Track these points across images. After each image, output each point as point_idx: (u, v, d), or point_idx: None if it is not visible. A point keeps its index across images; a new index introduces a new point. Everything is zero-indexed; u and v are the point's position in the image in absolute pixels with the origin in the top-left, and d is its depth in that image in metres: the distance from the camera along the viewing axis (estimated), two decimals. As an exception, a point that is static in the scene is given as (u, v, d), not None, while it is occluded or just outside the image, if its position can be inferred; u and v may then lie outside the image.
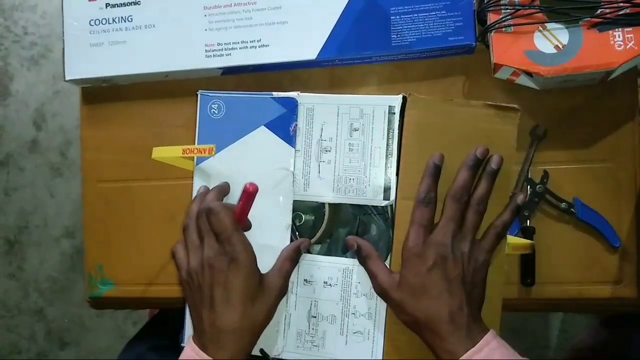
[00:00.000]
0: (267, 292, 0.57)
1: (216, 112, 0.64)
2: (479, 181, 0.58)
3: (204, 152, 0.63)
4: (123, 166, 0.74)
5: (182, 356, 0.56)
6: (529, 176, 0.65)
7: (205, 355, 0.54)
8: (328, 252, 0.64)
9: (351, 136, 0.62)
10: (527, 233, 0.65)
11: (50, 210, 1.51)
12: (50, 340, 1.52)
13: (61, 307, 1.50)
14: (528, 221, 0.65)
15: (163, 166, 0.66)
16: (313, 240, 0.63)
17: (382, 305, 0.60)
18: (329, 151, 0.62)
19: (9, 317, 1.54)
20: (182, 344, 0.63)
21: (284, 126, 0.62)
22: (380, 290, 0.58)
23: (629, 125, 0.64)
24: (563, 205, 0.65)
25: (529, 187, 0.65)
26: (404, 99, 0.60)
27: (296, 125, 0.62)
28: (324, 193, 0.62)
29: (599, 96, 0.64)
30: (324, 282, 0.61)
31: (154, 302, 0.76)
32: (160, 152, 0.64)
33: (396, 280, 0.56)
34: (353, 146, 0.62)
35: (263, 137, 0.62)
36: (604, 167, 0.65)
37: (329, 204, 0.63)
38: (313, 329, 0.61)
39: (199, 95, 0.65)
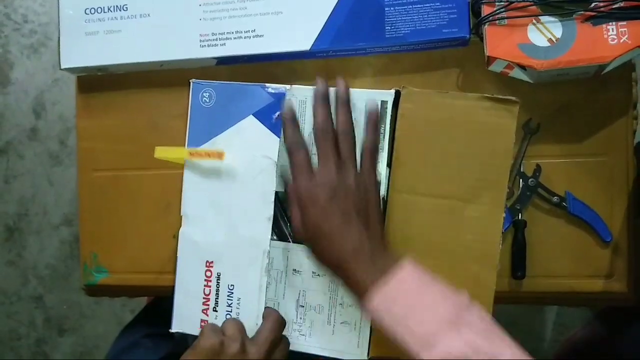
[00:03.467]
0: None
1: (207, 100, 0.64)
2: (337, 112, 0.57)
3: (213, 156, 0.62)
4: (118, 155, 0.74)
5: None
6: (522, 170, 0.65)
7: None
8: None
9: None
10: (519, 226, 0.65)
11: (50, 198, 1.52)
12: (49, 327, 1.53)
13: (60, 294, 1.51)
14: (520, 214, 0.65)
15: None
16: None
17: None
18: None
19: (9, 303, 1.55)
20: (171, 331, 0.64)
21: (271, 116, 0.62)
22: (294, 231, 0.58)
23: (623, 120, 0.64)
24: (555, 199, 0.65)
25: (521, 180, 0.65)
26: (397, 93, 0.60)
27: (280, 114, 0.61)
28: None
29: (593, 90, 0.64)
30: (313, 272, 0.61)
31: (149, 290, 0.77)
32: (164, 152, 0.63)
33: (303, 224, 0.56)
34: None
35: (250, 126, 0.62)
36: (596, 162, 0.65)
37: None
38: (301, 318, 0.62)
39: (191, 84, 0.65)
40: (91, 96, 0.75)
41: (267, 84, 0.63)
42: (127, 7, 0.70)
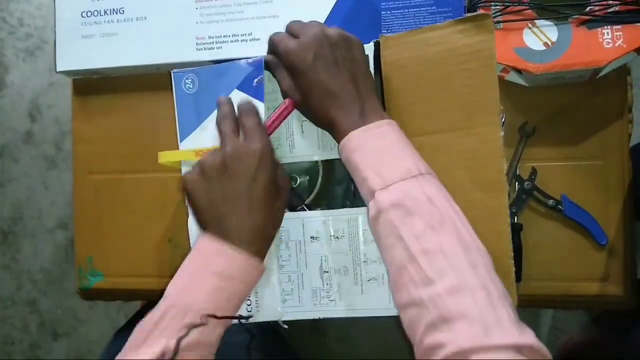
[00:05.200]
0: (282, 189, 0.56)
1: (190, 86, 0.64)
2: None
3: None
4: (114, 158, 0.74)
5: (195, 250, 0.53)
6: (517, 173, 0.65)
7: (232, 249, 0.51)
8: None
9: None
10: (515, 230, 0.65)
11: (45, 202, 1.51)
12: (43, 331, 1.52)
13: (54, 298, 1.51)
14: (516, 218, 0.66)
15: (153, 158, 0.66)
16: (310, 198, 0.63)
17: None
18: None
19: (3, 308, 1.54)
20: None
21: (252, 83, 0.62)
22: (285, 97, 0.58)
23: (618, 123, 0.64)
24: (551, 202, 0.65)
25: (517, 183, 0.65)
26: (376, 44, 0.59)
27: (261, 77, 0.60)
28: (310, 152, 0.62)
29: (588, 94, 0.64)
30: (331, 236, 0.61)
31: (143, 294, 0.77)
32: (168, 157, 0.63)
33: (295, 85, 0.56)
34: None
35: (236, 99, 0.61)
36: (592, 165, 0.65)
37: (322, 163, 0.63)
38: (327, 284, 0.61)
39: (172, 74, 0.64)
40: (87, 99, 0.75)
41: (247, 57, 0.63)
42: (123, 10, 0.70)
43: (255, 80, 0.61)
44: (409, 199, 0.48)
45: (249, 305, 0.61)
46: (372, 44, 0.60)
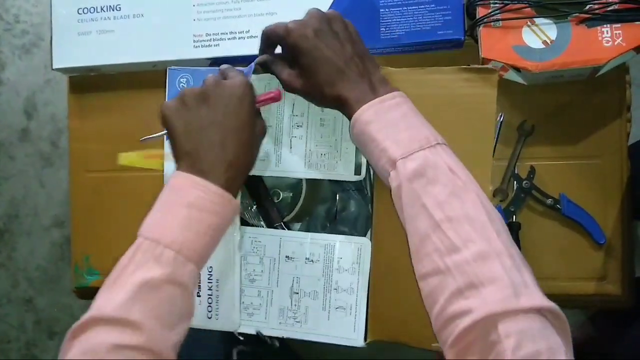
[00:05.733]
0: (259, 129, 0.56)
1: (185, 85, 0.63)
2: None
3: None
4: (111, 156, 0.74)
5: (168, 185, 0.52)
6: (516, 172, 0.65)
7: (204, 181, 0.50)
8: (307, 230, 0.64)
9: (322, 111, 0.61)
10: (513, 228, 0.65)
11: (41, 200, 1.50)
12: (39, 330, 1.52)
13: (50, 296, 1.50)
14: (514, 216, 0.65)
15: (150, 156, 0.66)
16: (290, 216, 0.63)
17: (364, 280, 0.60)
18: (301, 126, 0.62)
19: (-1, 306, 1.54)
20: None
21: None
22: (287, 86, 0.56)
23: (617, 122, 0.64)
24: (549, 201, 0.65)
25: (515, 182, 0.65)
26: None
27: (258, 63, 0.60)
28: (296, 168, 0.62)
29: (587, 92, 0.64)
30: (306, 259, 0.61)
31: (140, 292, 0.76)
32: (126, 159, 0.65)
33: (296, 72, 0.55)
34: (324, 121, 0.61)
35: None
36: (590, 164, 0.65)
37: (307, 180, 0.63)
38: (295, 305, 0.61)
39: (167, 71, 0.64)
40: (83, 97, 0.75)
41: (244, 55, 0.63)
42: (120, 7, 0.69)
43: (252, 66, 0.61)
44: (430, 167, 0.47)
45: (209, 312, 0.62)
46: None
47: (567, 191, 0.65)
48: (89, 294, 0.76)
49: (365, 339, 0.60)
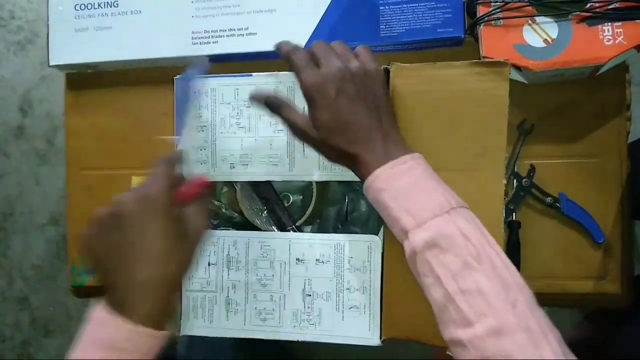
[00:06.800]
0: (195, 231, 0.50)
1: (196, 94, 0.63)
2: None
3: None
4: (108, 153, 0.73)
5: (87, 320, 0.46)
6: (516, 170, 0.65)
7: (114, 314, 0.45)
8: (319, 232, 0.64)
9: None
10: (513, 227, 0.65)
11: (36, 198, 1.49)
12: (34, 328, 1.51)
13: (46, 295, 1.49)
14: (514, 215, 0.65)
15: (148, 154, 0.65)
16: (302, 219, 0.63)
17: (377, 278, 0.59)
18: None
19: (-7, 304, 1.53)
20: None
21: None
22: (300, 134, 0.55)
23: (617, 121, 0.64)
24: (548, 200, 0.65)
25: (515, 180, 0.65)
26: (386, 70, 0.59)
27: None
28: (310, 172, 0.61)
29: (587, 91, 0.64)
30: (316, 260, 0.61)
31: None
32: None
33: (311, 122, 0.53)
34: None
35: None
36: (590, 163, 0.65)
37: (317, 183, 0.63)
38: (308, 307, 0.61)
39: (175, 81, 0.64)
40: (80, 94, 0.74)
41: (255, 73, 0.62)
42: (117, 4, 0.69)
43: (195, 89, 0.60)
44: (442, 237, 0.46)
45: None
46: (381, 68, 0.59)
47: (566, 190, 0.65)
48: (85, 292, 0.76)
49: (380, 338, 0.59)
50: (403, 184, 0.49)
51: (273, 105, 0.56)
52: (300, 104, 0.60)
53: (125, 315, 0.44)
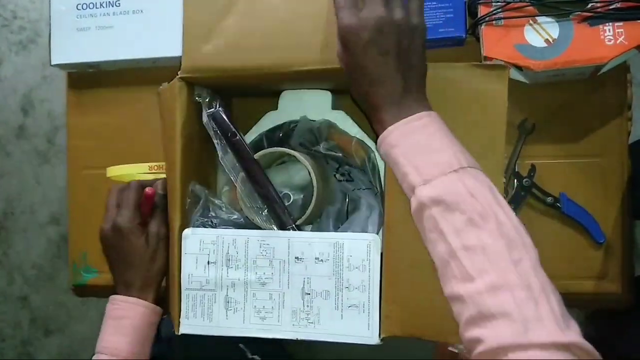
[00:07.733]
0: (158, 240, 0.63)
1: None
2: None
3: None
4: (109, 153, 0.73)
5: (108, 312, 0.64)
6: (516, 170, 0.65)
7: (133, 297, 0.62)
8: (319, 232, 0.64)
9: None
10: (513, 227, 0.65)
11: (37, 197, 1.50)
12: (35, 328, 1.51)
13: (46, 294, 1.49)
14: (514, 215, 0.65)
15: (148, 154, 0.65)
16: (302, 219, 0.63)
17: (376, 277, 0.59)
18: None
19: (-6, 304, 1.53)
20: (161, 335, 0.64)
21: None
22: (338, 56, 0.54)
23: (618, 121, 0.64)
24: (549, 199, 0.65)
25: (515, 180, 0.65)
26: None
27: None
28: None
29: (588, 91, 0.64)
30: (316, 258, 0.60)
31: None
32: (117, 171, 0.66)
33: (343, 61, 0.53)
34: None
35: None
36: (591, 163, 0.65)
37: (317, 183, 0.63)
38: (307, 306, 0.61)
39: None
40: (82, 93, 0.74)
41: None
42: (119, 3, 0.69)
43: None
44: (449, 194, 0.47)
45: None
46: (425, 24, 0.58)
47: (567, 190, 0.65)
48: (86, 292, 0.76)
49: (379, 336, 0.59)
50: (414, 141, 0.50)
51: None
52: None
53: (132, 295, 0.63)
